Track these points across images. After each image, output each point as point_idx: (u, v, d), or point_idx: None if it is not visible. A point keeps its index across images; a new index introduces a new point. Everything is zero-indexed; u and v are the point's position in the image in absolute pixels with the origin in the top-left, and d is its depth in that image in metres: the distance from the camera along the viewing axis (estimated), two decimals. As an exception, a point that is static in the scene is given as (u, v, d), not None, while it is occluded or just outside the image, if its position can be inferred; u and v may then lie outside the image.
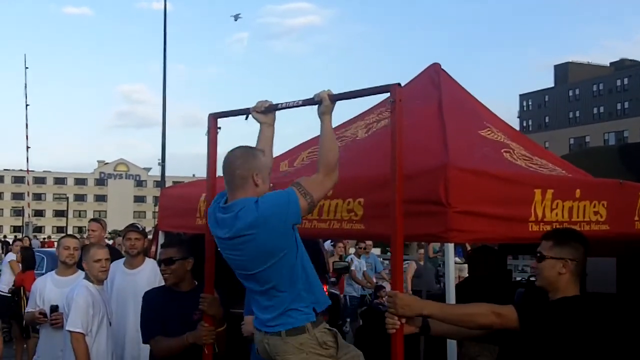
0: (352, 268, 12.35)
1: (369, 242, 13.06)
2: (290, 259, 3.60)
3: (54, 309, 5.79)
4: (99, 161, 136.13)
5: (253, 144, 4.01)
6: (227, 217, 3.64)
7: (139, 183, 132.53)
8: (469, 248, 16.68)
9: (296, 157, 5.63)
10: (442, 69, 5.93)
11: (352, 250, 13.91)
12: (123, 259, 6.56)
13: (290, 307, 3.63)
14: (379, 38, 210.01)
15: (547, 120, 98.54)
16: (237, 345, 4.68)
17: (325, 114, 3.74)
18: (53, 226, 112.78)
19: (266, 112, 4.06)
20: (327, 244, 12.91)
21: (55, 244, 7.11)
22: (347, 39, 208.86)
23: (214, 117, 4.38)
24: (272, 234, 3.53)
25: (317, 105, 3.78)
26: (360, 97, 3.77)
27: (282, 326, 3.64)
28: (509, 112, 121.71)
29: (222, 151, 4.09)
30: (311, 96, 3.82)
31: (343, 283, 12.79)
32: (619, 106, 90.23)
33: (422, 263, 13.04)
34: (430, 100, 5.46)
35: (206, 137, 4.38)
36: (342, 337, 3.81)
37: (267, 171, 3.77)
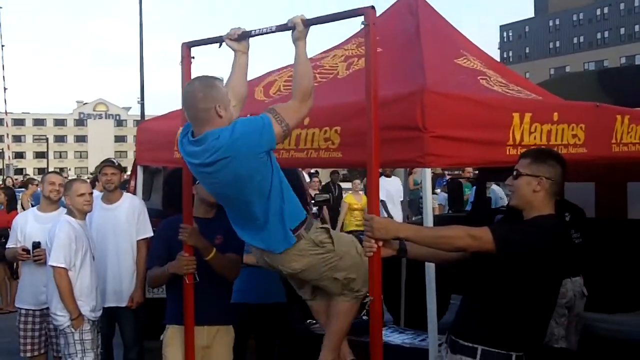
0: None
1: None
2: (266, 183, 3.64)
3: (37, 245, 5.75)
4: (77, 101, 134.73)
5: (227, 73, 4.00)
6: (199, 149, 3.65)
7: (119, 122, 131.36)
8: (447, 178, 16.81)
9: (271, 85, 5.57)
10: (420, -4, 5.84)
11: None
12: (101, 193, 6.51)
13: (275, 233, 3.72)
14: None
15: (527, 50, 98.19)
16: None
17: (299, 40, 3.71)
18: (34, 168, 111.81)
19: (240, 39, 4.02)
20: None
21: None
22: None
23: (187, 46, 4.33)
24: (245, 159, 3.54)
25: (290, 31, 3.74)
26: (334, 21, 3.69)
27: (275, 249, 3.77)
28: (489, 44, 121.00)
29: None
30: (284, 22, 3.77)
31: (325, 214, 13.02)
32: (599, 36, 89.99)
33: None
34: (407, 26, 5.40)
35: (180, 67, 4.33)
36: None
37: (228, 99, 3.74)
